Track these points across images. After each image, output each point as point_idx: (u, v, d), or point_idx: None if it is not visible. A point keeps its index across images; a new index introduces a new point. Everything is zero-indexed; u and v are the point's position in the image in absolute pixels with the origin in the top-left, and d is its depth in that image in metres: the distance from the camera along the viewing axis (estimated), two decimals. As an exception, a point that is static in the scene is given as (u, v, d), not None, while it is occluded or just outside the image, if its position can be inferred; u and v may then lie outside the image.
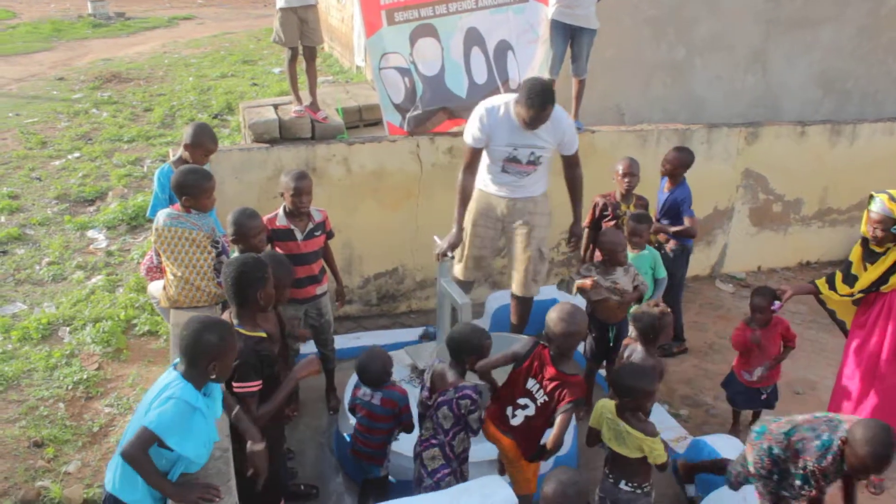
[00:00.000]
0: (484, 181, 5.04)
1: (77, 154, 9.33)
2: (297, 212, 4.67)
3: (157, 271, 4.62)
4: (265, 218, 4.53)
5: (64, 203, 8.04)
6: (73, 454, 4.70)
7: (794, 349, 4.92)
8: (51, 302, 6.29)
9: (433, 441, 3.82)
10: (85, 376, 5.37)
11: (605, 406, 3.79)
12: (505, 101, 4.78)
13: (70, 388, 5.26)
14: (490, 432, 3.94)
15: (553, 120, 4.69)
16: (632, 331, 4.33)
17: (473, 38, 6.13)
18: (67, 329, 5.92)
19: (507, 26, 6.15)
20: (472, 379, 3.85)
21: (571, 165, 5.06)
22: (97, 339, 5.74)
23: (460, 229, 4.96)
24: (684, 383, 5.81)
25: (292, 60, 6.25)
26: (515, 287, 5.17)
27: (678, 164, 5.69)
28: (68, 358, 5.57)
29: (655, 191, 5.90)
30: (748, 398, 5.06)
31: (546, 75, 6.34)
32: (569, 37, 6.31)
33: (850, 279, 4.65)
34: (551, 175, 5.08)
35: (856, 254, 4.65)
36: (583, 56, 6.38)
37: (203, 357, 2.97)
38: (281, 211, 4.71)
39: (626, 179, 5.43)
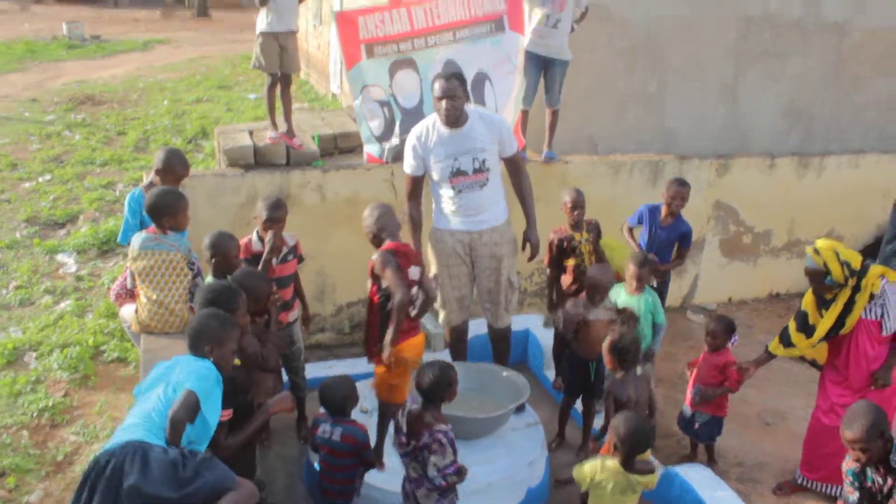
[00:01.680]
0: (444, 220, 4.96)
1: (48, 176, 9.23)
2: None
3: (126, 297, 4.59)
4: (241, 242, 4.54)
5: (33, 226, 7.94)
6: (35, 483, 4.61)
7: (733, 391, 4.90)
8: (17, 327, 6.19)
9: (422, 481, 3.67)
10: (51, 403, 5.27)
11: (607, 468, 3.74)
12: (429, 121, 4.84)
13: (35, 415, 5.16)
14: (416, 344, 4.20)
15: (482, 118, 4.82)
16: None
17: (450, 70, 6.17)
18: (34, 354, 5.82)
19: (484, 58, 6.19)
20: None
21: (516, 169, 5.02)
22: (64, 365, 5.65)
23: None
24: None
25: (272, 86, 6.25)
26: (490, 319, 5.17)
27: (685, 198, 5.67)
28: (34, 384, 5.47)
29: (623, 219, 5.92)
30: (686, 423, 5.12)
31: (518, 109, 6.41)
32: (542, 67, 6.38)
33: (807, 329, 4.71)
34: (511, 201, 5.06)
35: (809, 303, 4.71)
36: (556, 87, 6.45)
37: (202, 339, 3.24)
38: (254, 236, 4.71)
39: (575, 212, 5.38)
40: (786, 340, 4.81)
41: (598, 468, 3.76)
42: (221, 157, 6.31)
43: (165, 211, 4.22)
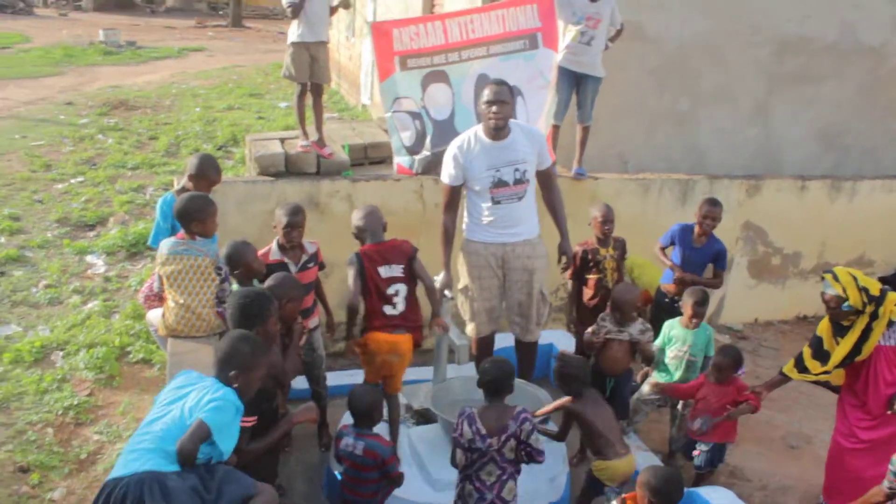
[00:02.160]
0: (478, 232, 4.94)
1: (80, 178, 9.37)
2: (290, 245, 4.69)
3: (155, 299, 4.62)
4: (259, 253, 4.54)
5: (64, 227, 8.06)
6: (58, 481, 4.65)
7: (756, 409, 4.80)
8: (45, 325, 6.27)
9: (504, 477, 3.79)
10: (76, 402, 5.33)
11: None
12: (471, 132, 4.85)
13: (60, 413, 5.22)
14: (382, 340, 4.32)
15: (523, 130, 4.84)
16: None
17: (483, 84, 6.16)
18: (61, 353, 5.89)
19: (516, 73, 6.18)
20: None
21: (549, 183, 4.99)
22: (90, 364, 5.71)
23: (448, 270, 4.93)
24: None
25: (301, 95, 6.30)
26: (519, 333, 5.15)
27: (718, 218, 5.61)
28: (60, 383, 5.53)
29: (651, 240, 5.88)
30: (686, 449, 5.05)
31: (550, 124, 6.42)
32: (574, 84, 6.38)
33: (822, 355, 4.66)
34: (540, 215, 5.05)
35: (825, 329, 4.65)
36: (588, 103, 6.45)
37: (231, 363, 3.15)
38: (274, 245, 4.72)
39: (605, 227, 5.38)
40: (800, 366, 4.76)
41: None
42: (252, 165, 6.36)
43: (194, 216, 4.25)
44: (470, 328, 5.15)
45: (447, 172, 4.88)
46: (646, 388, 4.79)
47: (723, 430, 4.82)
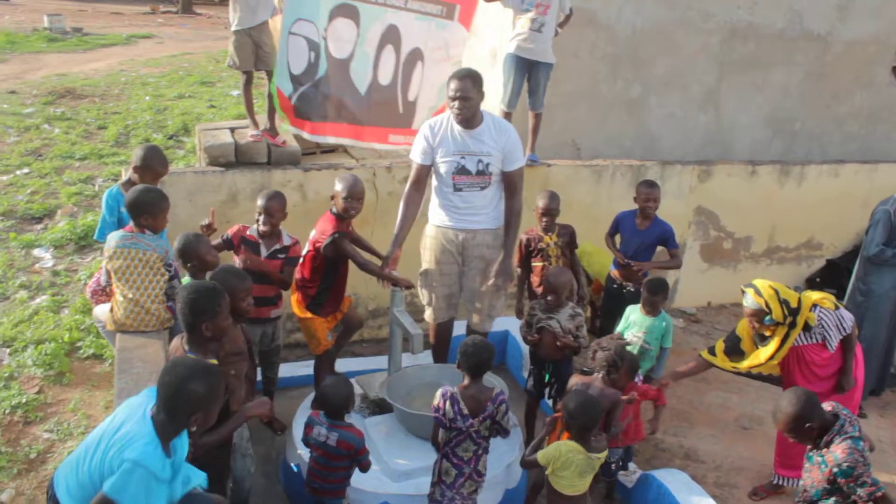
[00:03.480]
0: (440, 216, 4.99)
1: (26, 170, 9.11)
2: (269, 232, 4.81)
3: (102, 294, 4.54)
4: (238, 226, 4.77)
5: (10, 220, 7.84)
6: (7, 482, 4.54)
7: (663, 406, 4.83)
8: (-9, 322, 6.11)
9: (479, 452, 3.95)
10: (24, 400, 5.20)
11: (570, 448, 3.81)
12: (445, 115, 4.86)
13: (7, 412, 5.09)
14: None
15: (496, 125, 4.81)
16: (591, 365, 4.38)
17: (391, 36, 6.04)
18: (7, 351, 5.74)
19: (424, 36, 6.12)
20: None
21: (510, 189, 4.89)
22: (39, 361, 5.57)
23: (395, 244, 4.92)
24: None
25: (247, 84, 6.21)
26: (472, 322, 5.16)
27: (658, 199, 5.66)
28: (7, 381, 5.39)
29: (605, 226, 5.93)
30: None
31: (444, 98, 6.36)
32: (526, 71, 6.38)
33: (736, 352, 4.84)
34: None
35: (744, 330, 4.81)
36: (539, 90, 6.46)
37: (186, 408, 2.78)
38: (254, 225, 4.84)
39: (545, 218, 5.42)
40: (711, 351, 4.96)
41: (559, 451, 3.83)
42: (202, 155, 6.26)
43: (145, 209, 4.18)
44: (428, 313, 5.17)
45: (416, 150, 4.92)
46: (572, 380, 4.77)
47: (632, 432, 4.76)
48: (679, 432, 5.67)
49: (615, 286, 5.77)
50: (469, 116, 4.68)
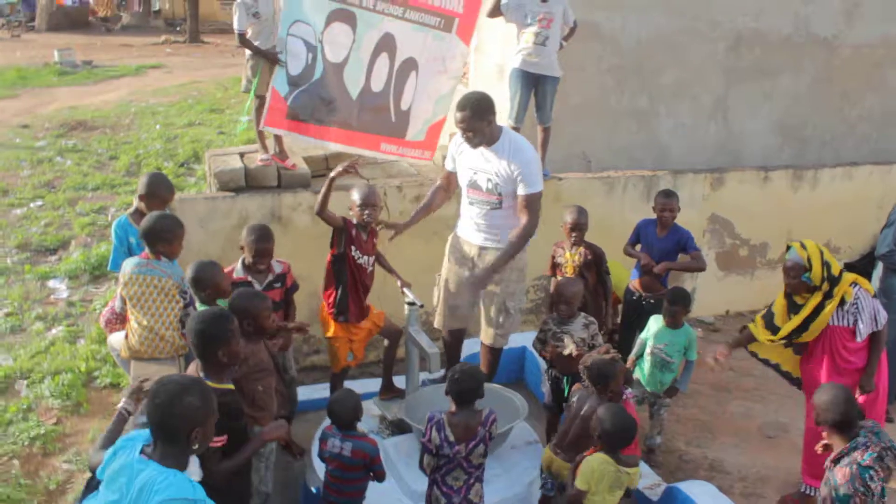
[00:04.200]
0: (461, 226, 5.04)
1: (39, 202, 9.20)
2: (257, 268, 4.66)
3: (116, 322, 4.53)
4: (225, 270, 4.49)
5: (25, 252, 7.90)
6: (27, 513, 4.54)
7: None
8: (7, 354, 6.12)
9: (471, 481, 3.86)
10: (42, 431, 5.21)
11: (602, 461, 3.73)
12: None
13: (26, 444, 5.10)
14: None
15: (512, 147, 4.71)
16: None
17: (386, 44, 6.02)
18: (25, 382, 5.76)
19: (420, 47, 6.10)
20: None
21: (523, 213, 4.74)
22: (56, 392, 5.59)
23: (408, 222, 5.13)
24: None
25: (260, 108, 6.18)
26: (482, 336, 5.14)
27: (674, 209, 5.63)
28: (25, 412, 5.41)
29: (622, 237, 5.90)
30: None
31: (441, 113, 6.42)
32: (532, 85, 6.38)
33: (771, 328, 4.74)
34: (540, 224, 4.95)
35: (779, 305, 4.73)
36: (546, 104, 6.45)
37: (185, 425, 2.59)
38: (239, 264, 4.67)
39: (573, 233, 5.37)
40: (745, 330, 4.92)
41: (591, 466, 3.73)
42: (212, 181, 6.28)
43: (163, 236, 4.18)
44: (436, 319, 5.20)
45: (448, 156, 5.08)
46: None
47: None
48: (703, 443, 5.60)
49: (634, 298, 5.72)
50: (477, 143, 4.70)
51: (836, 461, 3.63)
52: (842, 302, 4.48)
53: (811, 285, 4.47)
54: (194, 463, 3.04)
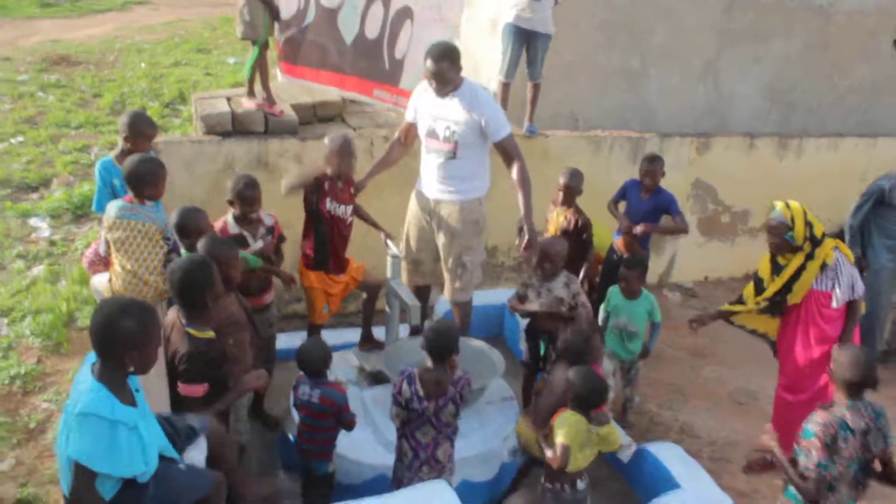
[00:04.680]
0: (420, 181, 5.07)
1: (21, 138, 9.05)
2: (247, 218, 4.63)
3: (100, 264, 4.52)
4: (215, 226, 4.49)
5: (5, 189, 7.80)
6: (7, 451, 4.57)
7: None
8: (-12, 292, 6.10)
9: (440, 439, 3.85)
10: (22, 370, 5.22)
11: (579, 419, 3.78)
12: None
13: (6, 382, 5.11)
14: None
15: (471, 94, 4.71)
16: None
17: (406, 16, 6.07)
18: (5, 321, 5.75)
19: None
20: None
21: (506, 159, 4.84)
22: (37, 331, 5.58)
23: (366, 176, 5.19)
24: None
25: (263, 55, 5.96)
26: (444, 292, 5.19)
27: (655, 174, 5.66)
28: (5, 351, 5.41)
29: (607, 198, 5.92)
30: None
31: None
32: (524, 41, 6.34)
33: (761, 293, 4.79)
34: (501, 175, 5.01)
35: (765, 269, 4.78)
36: (538, 60, 6.42)
37: (117, 346, 2.68)
38: (230, 218, 4.64)
39: (562, 194, 5.43)
40: (738, 298, 4.92)
41: (569, 422, 3.77)
42: (199, 124, 6.21)
43: (147, 180, 4.15)
44: (402, 274, 5.23)
45: (409, 107, 5.07)
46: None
47: None
48: (674, 406, 5.71)
49: (615, 258, 5.78)
50: (442, 89, 4.70)
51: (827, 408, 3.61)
52: (823, 266, 4.52)
53: (794, 245, 4.50)
54: (200, 448, 3.15)
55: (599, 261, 6.06)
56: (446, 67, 4.60)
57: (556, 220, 5.46)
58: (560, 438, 3.74)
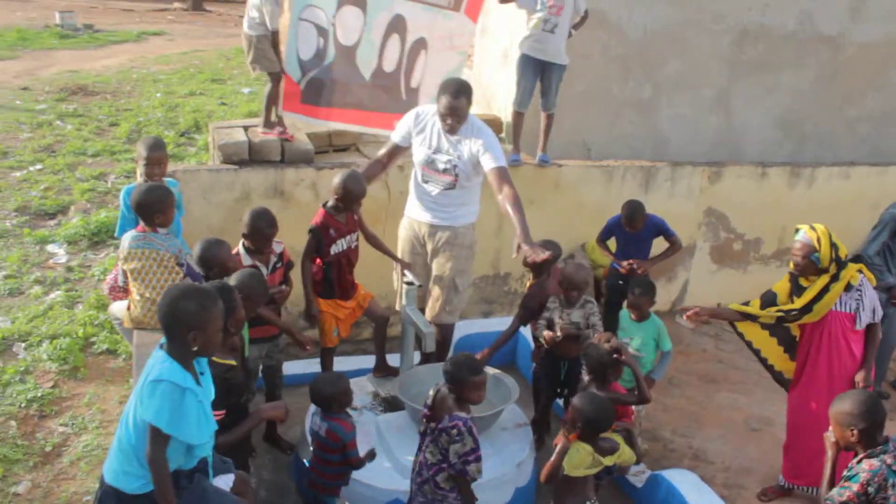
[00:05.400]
0: (410, 207, 5.15)
1: (39, 166, 9.19)
2: (259, 250, 4.66)
3: (120, 291, 4.59)
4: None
5: (24, 216, 7.91)
6: (23, 474, 4.61)
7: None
8: (6, 317, 6.17)
9: (443, 465, 3.68)
10: (39, 394, 5.27)
11: (586, 452, 3.73)
12: (435, 109, 4.92)
13: (23, 405, 5.16)
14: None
15: (474, 130, 4.86)
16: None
17: (396, 25, 6.10)
18: (23, 345, 5.81)
19: (430, 27, 6.18)
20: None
21: (498, 185, 4.79)
22: (54, 356, 5.64)
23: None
24: (642, 417, 5.87)
25: (276, 85, 6.07)
26: (428, 314, 5.21)
27: (641, 221, 5.71)
28: (23, 375, 5.47)
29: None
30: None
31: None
32: (538, 71, 6.42)
33: (771, 305, 4.77)
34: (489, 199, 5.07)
35: (782, 288, 4.78)
36: (552, 91, 6.49)
37: (180, 326, 2.85)
38: (242, 250, 4.66)
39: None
40: (744, 307, 4.90)
41: (580, 454, 3.73)
42: (216, 153, 6.30)
43: (156, 208, 4.24)
44: (397, 302, 5.26)
45: (398, 129, 5.10)
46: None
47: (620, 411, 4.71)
48: (688, 433, 5.70)
49: (620, 283, 5.81)
50: (455, 130, 4.82)
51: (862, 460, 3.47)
52: (847, 287, 4.52)
53: (819, 266, 4.49)
54: (227, 482, 3.26)
55: (598, 284, 6.12)
56: (465, 103, 4.70)
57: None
58: (566, 466, 3.72)
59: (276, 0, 5.82)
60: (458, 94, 4.69)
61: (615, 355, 4.14)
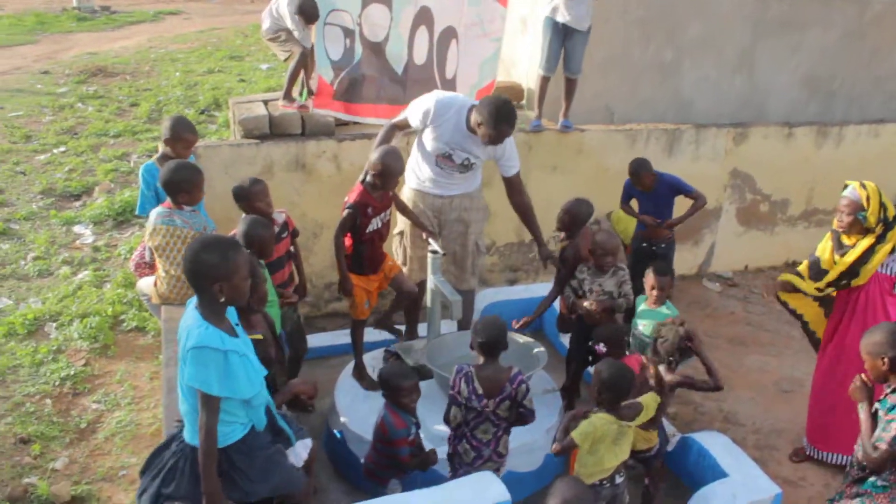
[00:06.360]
0: (418, 180, 5.04)
1: (62, 148, 9.26)
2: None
3: (146, 268, 4.62)
4: (233, 232, 4.50)
5: (49, 198, 7.99)
6: (60, 451, 4.68)
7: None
8: (37, 297, 6.25)
9: (499, 433, 3.86)
10: (72, 372, 5.34)
11: (604, 421, 3.66)
12: (461, 104, 4.77)
13: (57, 384, 5.23)
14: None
15: None
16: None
17: (423, 17, 6.06)
18: (54, 325, 5.89)
19: (458, 15, 6.13)
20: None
21: (515, 191, 5.03)
22: (84, 334, 5.71)
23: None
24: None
25: (302, 62, 6.20)
26: (454, 282, 5.14)
27: (646, 177, 5.63)
28: (55, 354, 5.54)
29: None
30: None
31: (489, 77, 6.42)
32: (563, 35, 6.33)
33: (820, 275, 4.59)
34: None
35: (825, 249, 4.60)
36: (576, 56, 6.42)
37: (205, 279, 2.82)
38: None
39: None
40: (794, 273, 4.74)
41: (594, 426, 3.65)
42: (236, 128, 6.30)
43: (182, 187, 4.23)
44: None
45: (413, 114, 4.88)
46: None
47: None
48: (718, 396, 5.62)
49: (644, 245, 5.76)
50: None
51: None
52: (894, 248, 4.36)
53: (865, 225, 4.35)
54: (306, 447, 3.39)
55: (626, 250, 6.06)
56: (510, 132, 4.62)
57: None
58: (576, 435, 3.64)
59: (303, 24, 6.06)
60: (510, 123, 4.56)
61: (687, 342, 4.08)
